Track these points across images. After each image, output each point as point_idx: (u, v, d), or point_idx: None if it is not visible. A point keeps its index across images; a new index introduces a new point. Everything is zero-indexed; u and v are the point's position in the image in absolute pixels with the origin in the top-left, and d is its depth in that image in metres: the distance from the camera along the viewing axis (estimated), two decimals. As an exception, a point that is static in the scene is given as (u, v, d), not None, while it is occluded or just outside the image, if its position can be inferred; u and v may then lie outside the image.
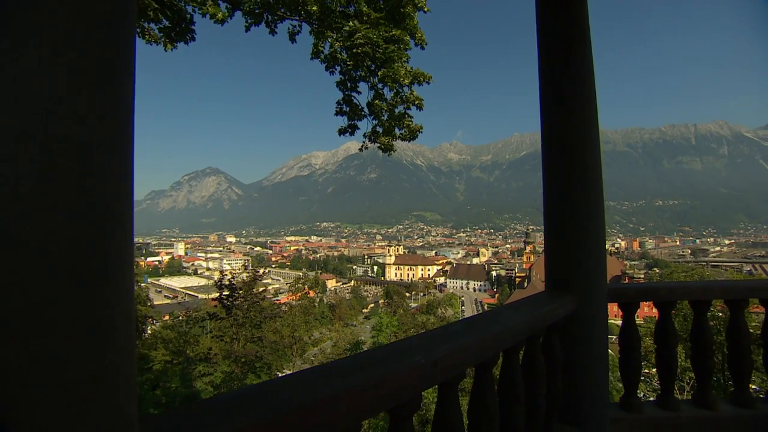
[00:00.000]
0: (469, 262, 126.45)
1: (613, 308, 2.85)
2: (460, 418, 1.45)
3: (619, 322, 2.90)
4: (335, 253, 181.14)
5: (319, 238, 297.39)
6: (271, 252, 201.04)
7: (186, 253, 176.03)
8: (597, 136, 2.57)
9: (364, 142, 5.39)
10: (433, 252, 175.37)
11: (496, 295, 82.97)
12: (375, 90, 5.15)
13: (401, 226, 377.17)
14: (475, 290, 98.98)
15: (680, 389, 11.07)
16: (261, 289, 17.26)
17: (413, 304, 57.12)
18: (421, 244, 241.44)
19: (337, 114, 5.27)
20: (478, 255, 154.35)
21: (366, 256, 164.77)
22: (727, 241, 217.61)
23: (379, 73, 4.97)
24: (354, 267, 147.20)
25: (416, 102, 5.08)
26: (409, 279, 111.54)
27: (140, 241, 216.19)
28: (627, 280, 53.57)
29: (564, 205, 2.56)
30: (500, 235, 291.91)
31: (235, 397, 0.90)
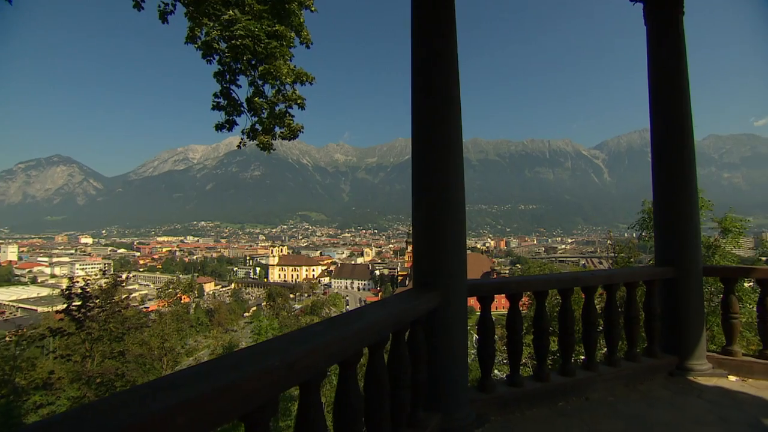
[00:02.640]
0: (353, 262, 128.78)
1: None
2: (322, 416, 1.46)
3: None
4: (214, 255, 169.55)
5: (196, 239, 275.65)
6: (138, 254, 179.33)
7: (20, 258, 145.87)
8: (459, 138, 2.80)
9: (242, 138, 5.09)
10: (318, 252, 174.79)
11: (380, 294, 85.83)
12: (255, 86, 4.90)
13: (285, 226, 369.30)
14: (359, 289, 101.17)
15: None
16: (124, 297, 15.08)
17: (297, 306, 56.01)
18: (305, 244, 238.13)
19: (214, 108, 4.87)
20: (362, 255, 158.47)
21: (248, 258, 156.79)
22: (569, 240, 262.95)
23: (260, 69, 4.74)
24: (235, 269, 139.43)
25: (298, 101, 4.95)
26: (294, 280, 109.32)
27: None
28: (495, 276, 60.19)
29: (428, 206, 2.75)
30: (384, 235, 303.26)
31: (44, 427, 0.77)
